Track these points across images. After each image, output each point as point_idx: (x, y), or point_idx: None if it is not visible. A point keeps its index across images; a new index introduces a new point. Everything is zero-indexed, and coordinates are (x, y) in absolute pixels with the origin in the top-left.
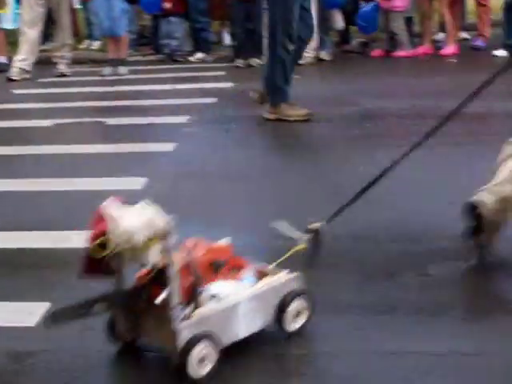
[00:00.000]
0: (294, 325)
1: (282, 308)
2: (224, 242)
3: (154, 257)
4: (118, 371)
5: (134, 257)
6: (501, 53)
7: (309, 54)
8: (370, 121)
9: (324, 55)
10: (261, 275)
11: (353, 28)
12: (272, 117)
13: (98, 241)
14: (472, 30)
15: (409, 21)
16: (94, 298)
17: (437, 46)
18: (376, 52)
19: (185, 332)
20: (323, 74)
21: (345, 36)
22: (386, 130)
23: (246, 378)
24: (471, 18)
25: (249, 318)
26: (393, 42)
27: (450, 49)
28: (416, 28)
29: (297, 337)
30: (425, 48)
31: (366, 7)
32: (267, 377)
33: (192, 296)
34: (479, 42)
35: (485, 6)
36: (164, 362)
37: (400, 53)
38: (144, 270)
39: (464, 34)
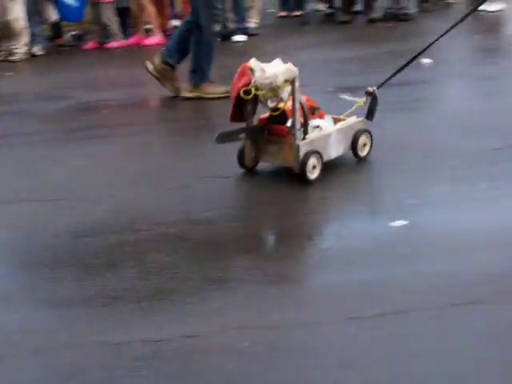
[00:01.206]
0: (362, 153)
1: (354, 140)
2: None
3: (286, 95)
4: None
5: (273, 95)
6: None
7: (21, 49)
8: (86, 113)
9: (37, 50)
10: (335, 120)
11: (64, 22)
12: (192, 95)
13: (243, 89)
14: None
15: (122, 11)
16: (240, 128)
17: (148, 35)
18: (89, 44)
19: (303, 148)
20: (36, 69)
21: (57, 30)
22: (103, 121)
23: None
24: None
25: (336, 145)
26: (105, 33)
27: (155, 39)
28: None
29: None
30: (137, 38)
31: None
32: None
33: (304, 125)
34: None
35: None
36: None
37: (113, 44)
38: (265, 115)
39: (176, 22)
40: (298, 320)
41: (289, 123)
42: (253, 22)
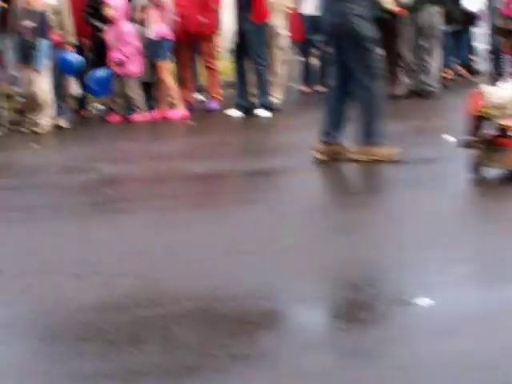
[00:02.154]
0: None
1: None
2: None
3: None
4: None
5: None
6: (234, 113)
7: (46, 121)
8: (110, 186)
9: (62, 122)
10: None
11: (89, 95)
12: (365, 158)
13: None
14: (205, 92)
15: (147, 85)
16: (477, 139)
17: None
18: (113, 117)
19: None
20: (61, 141)
21: (82, 102)
22: (127, 194)
23: None
24: (202, 80)
25: None
26: (129, 106)
27: (178, 112)
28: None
29: None
30: (160, 112)
31: (98, 71)
32: None
33: None
34: (212, 104)
35: (213, 69)
36: None
37: (137, 117)
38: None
39: (199, 96)
40: None
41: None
42: (276, 98)
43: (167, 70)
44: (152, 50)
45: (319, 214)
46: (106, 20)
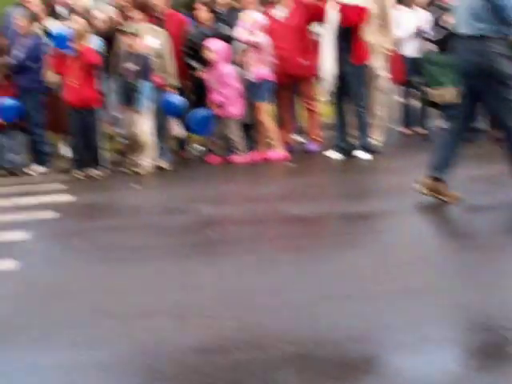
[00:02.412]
0: None
1: None
2: None
3: None
4: None
5: None
6: (333, 154)
7: (147, 162)
8: (209, 228)
9: (163, 163)
10: None
11: (190, 135)
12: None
13: None
14: (304, 133)
15: (246, 126)
16: None
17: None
18: (213, 158)
19: None
20: (162, 182)
21: (182, 143)
22: (226, 236)
23: None
24: (302, 122)
25: None
26: (229, 147)
27: (277, 153)
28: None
29: None
30: (260, 153)
31: (199, 111)
32: None
33: None
34: (312, 146)
35: (313, 111)
36: None
37: (236, 158)
38: None
39: (298, 138)
40: None
41: None
42: (376, 139)
43: (266, 111)
44: (252, 91)
45: (424, 257)
46: (206, 62)
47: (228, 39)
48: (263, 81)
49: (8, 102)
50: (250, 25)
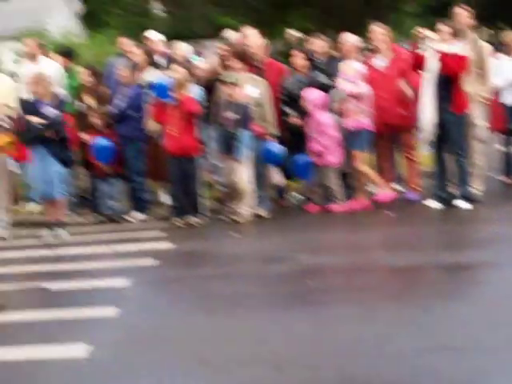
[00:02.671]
0: None
1: None
2: None
3: None
4: None
5: None
6: (433, 204)
7: (246, 211)
8: (308, 277)
9: (262, 211)
10: None
11: (289, 183)
12: None
13: None
14: (404, 182)
15: (344, 175)
16: None
17: (372, 198)
18: (312, 207)
19: None
20: (261, 230)
21: (281, 191)
22: (325, 286)
23: None
24: (401, 171)
25: None
26: (328, 196)
27: (385, 194)
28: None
29: None
30: (359, 201)
31: (298, 158)
32: None
33: None
34: (411, 195)
35: (413, 160)
36: None
37: (336, 207)
38: None
39: (397, 187)
40: None
41: None
42: (476, 189)
43: (363, 159)
44: (350, 140)
45: None
46: (304, 111)
47: (325, 88)
48: (362, 130)
49: (103, 142)
50: (352, 75)
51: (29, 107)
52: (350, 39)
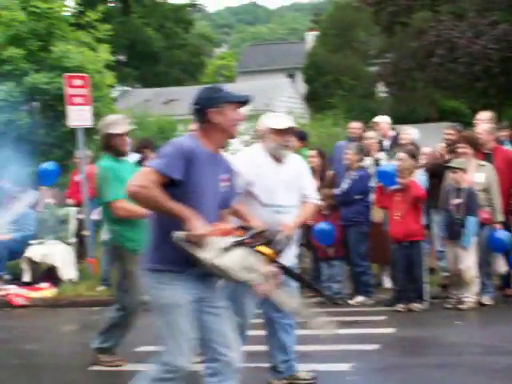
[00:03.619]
0: None
1: None
2: None
3: None
4: None
5: None
6: None
7: (470, 298)
8: None
9: (486, 300)
10: None
11: None
12: None
13: None
14: None
15: None
16: None
17: None
18: None
19: None
20: (484, 319)
21: (507, 279)
22: None
23: None
24: None
25: None
26: None
27: None
28: None
29: None
30: None
31: None
32: None
33: None
34: None
35: None
36: None
37: None
38: None
39: None
40: None
41: None
42: None
43: None
44: None
45: None
46: None
47: None
48: None
49: (324, 226)
50: None
51: None
52: None
